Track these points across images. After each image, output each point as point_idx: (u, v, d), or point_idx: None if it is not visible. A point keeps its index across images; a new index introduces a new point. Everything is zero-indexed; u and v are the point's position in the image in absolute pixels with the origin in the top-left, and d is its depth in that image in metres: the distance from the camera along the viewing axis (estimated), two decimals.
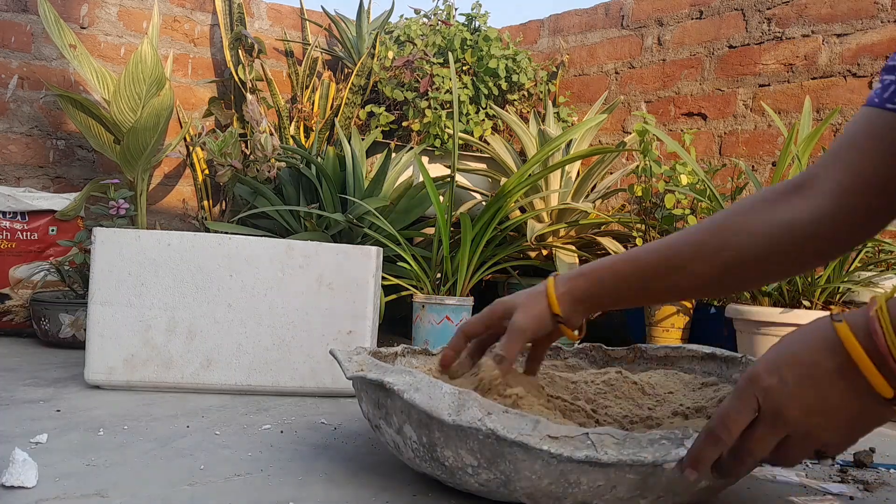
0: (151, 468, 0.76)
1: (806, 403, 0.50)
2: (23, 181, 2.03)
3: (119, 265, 1.16)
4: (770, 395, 0.51)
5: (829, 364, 0.50)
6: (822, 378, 0.50)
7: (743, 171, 1.70)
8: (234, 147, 1.94)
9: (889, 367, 0.47)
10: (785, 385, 0.51)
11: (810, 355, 0.51)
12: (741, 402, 0.53)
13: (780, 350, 0.53)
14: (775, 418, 0.51)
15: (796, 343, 0.52)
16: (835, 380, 0.49)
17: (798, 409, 0.50)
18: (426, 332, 1.60)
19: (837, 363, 0.49)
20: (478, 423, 0.62)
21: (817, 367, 0.50)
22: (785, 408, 0.51)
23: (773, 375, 0.51)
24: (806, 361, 0.50)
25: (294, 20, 2.54)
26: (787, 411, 0.51)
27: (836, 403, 0.50)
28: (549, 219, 1.93)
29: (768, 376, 0.51)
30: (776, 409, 0.51)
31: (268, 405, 1.12)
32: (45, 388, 1.16)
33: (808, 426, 0.51)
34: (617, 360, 1.06)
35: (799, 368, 0.51)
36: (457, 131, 1.72)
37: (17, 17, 2.03)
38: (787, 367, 0.51)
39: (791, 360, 0.51)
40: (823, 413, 0.50)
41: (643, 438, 0.62)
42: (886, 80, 0.60)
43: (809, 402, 0.50)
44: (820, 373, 0.50)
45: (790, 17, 1.81)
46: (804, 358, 0.51)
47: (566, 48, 2.33)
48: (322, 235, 1.80)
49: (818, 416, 0.50)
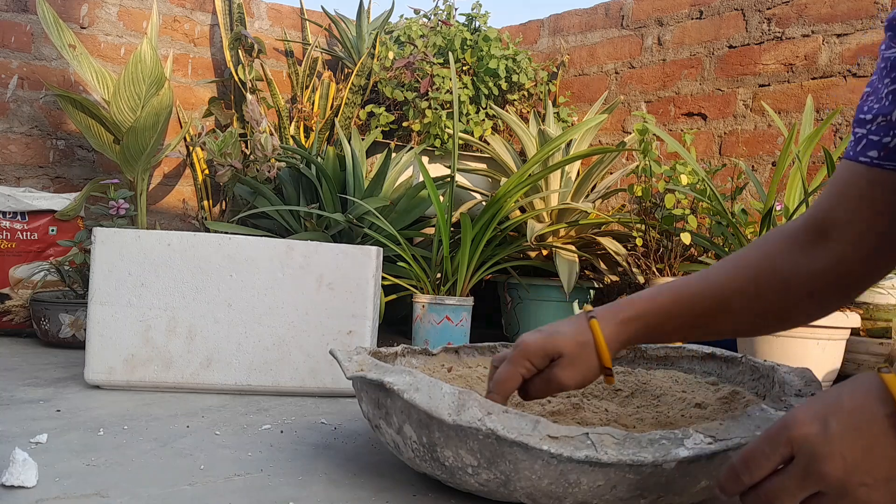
0: (151, 468, 0.76)
1: (850, 457, 0.45)
2: (23, 181, 2.03)
3: (119, 265, 1.16)
4: (807, 444, 0.46)
5: (880, 412, 0.45)
6: (870, 428, 0.45)
7: (743, 171, 1.70)
8: (234, 147, 1.94)
9: None
10: (828, 434, 0.46)
11: (858, 403, 0.46)
12: (770, 445, 0.48)
13: (823, 398, 0.48)
14: (808, 470, 0.46)
15: (843, 393, 0.47)
16: (885, 430, 0.45)
17: (839, 463, 0.45)
18: (426, 331, 1.60)
19: (888, 412, 0.45)
20: (478, 423, 0.62)
21: (865, 415, 0.46)
22: (823, 459, 0.45)
23: (815, 423, 0.46)
24: (853, 409, 0.46)
25: (294, 20, 2.54)
26: (826, 464, 0.45)
27: (884, 459, 0.45)
28: (549, 219, 1.93)
29: (809, 423, 0.47)
30: (811, 459, 0.46)
31: (268, 405, 1.12)
32: (45, 388, 1.16)
33: (848, 484, 0.45)
34: (617, 360, 1.06)
35: (845, 417, 0.46)
36: (457, 131, 1.72)
37: (17, 17, 2.03)
38: (833, 416, 0.46)
39: (836, 408, 0.46)
40: (868, 470, 0.45)
41: (643, 438, 0.62)
42: (858, 132, 0.62)
43: (855, 455, 0.45)
44: (868, 422, 0.45)
45: (790, 17, 1.81)
46: (851, 405, 0.46)
47: (566, 48, 2.33)
48: (322, 235, 1.80)
49: (862, 474, 0.45)
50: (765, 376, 0.85)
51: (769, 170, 1.83)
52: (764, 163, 1.84)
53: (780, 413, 0.69)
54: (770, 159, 1.83)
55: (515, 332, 1.87)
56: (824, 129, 1.46)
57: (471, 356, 1.05)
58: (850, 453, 0.45)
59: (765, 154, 1.85)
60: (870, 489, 0.45)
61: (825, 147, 1.58)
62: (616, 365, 1.04)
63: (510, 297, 1.89)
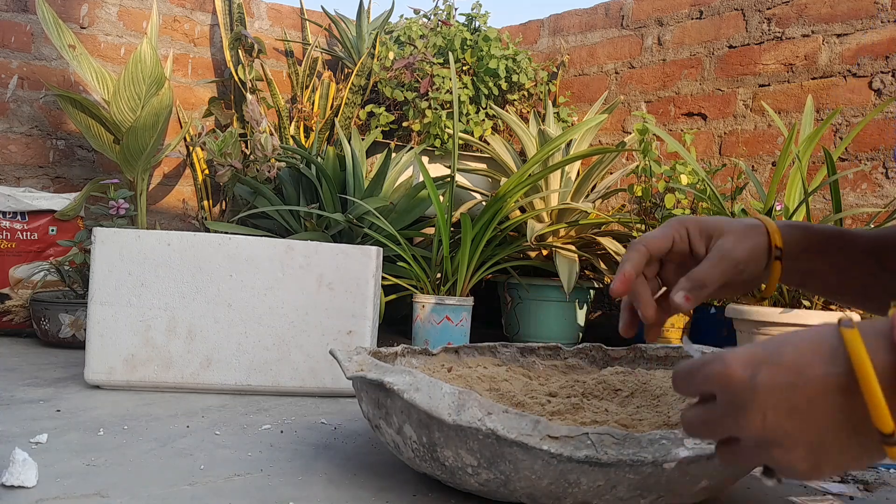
0: (151, 468, 0.76)
1: (772, 415, 0.41)
2: (23, 181, 2.03)
3: (119, 265, 1.16)
4: (730, 390, 0.43)
5: (821, 373, 0.40)
6: (804, 389, 0.40)
7: (743, 171, 1.70)
8: (234, 147, 1.94)
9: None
10: (753, 384, 0.42)
11: (801, 358, 0.41)
12: (698, 378, 0.45)
13: (768, 343, 0.43)
14: (726, 414, 0.43)
15: (788, 343, 0.43)
16: (822, 394, 0.40)
17: (758, 418, 0.41)
18: (426, 332, 1.60)
19: (833, 375, 0.40)
20: (478, 423, 0.62)
21: (805, 373, 0.41)
22: (742, 410, 0.42)
23: (745, 369, 0.42)
24: (791, 364, 0.41)
25: (294, 20, 2.54)
26: (744, 415, 0.42)
27: (813, 424, 0.40)
28: (549, 219, 1.93)
29: (738, 367, 0.42)
30: (731, 406, 0.43)
31: (267, 405, 1.12)
32: (45, 388, 1.16)
33: (764, 441, 0.42)
34: (617, 360, 1.06)
35: (779, 371, 0.41)
36: (457, 131, 1.72)
37: (17, 17, 2.03)
38: (766, 366, 0.42)
39: (774, 358, 0.42)
40: (791, 433, 0.41)
41: (643, 438, 0.62)
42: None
43: (778, 414, 0.41)
44: (805, 381, 0.40)
45: (790, 17, 1.81)
46: (791, 360, 0.41)
47: (566, 48, 2.33)
48: (322, 235, 1.80)
49: (782, 435, 0.41)
50: None
51: (769, 170, 1.83)
52: (764, 163, 1.84)
53: None
54: (770, 159, 1.83)
55: (515, 332, 1.87)
56: (824, 129, 1.46)
57: (471, 356, 1.05)
58: (772, 411, 0.41)
59: (765, 154, 1.85)
60: (787, 451, 0.41)
61: (825, 147, 1.58)
62: (616, 365, 1.04)
63: (510, 297, 1.89)
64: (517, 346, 1.07)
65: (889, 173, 1.63)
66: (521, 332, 1.86)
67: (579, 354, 1.07)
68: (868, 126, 1.66)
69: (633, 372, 0.94)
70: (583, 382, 0.92)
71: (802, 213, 1.47)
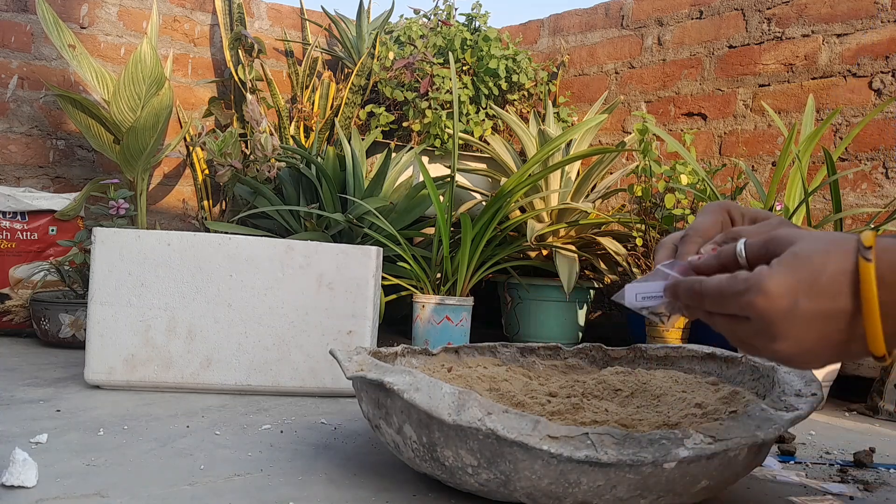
0: (151, 468, 0.76)
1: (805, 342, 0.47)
2: (23, 181, 2.03)
3: (119, 265, 1.16)
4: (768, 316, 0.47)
5: (849, 306, 0.46)
6: (837, 318, 0.46)
7: (743, 171, 1.70)
8: (234, 147, 1.94)
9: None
10: (793, 315, 0.46)
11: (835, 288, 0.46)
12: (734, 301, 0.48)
13: (802, 270, 0.47)
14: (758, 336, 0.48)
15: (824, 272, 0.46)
16: (847, 323, 0.46)
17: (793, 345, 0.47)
18: (426, 332, 1.60)
19: (853, 305, 0.46)
20: (478, 423, 0.62)
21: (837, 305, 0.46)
22: (777, 338, 0.47)
23: (785, 299, 0.46)
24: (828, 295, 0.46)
25: (294, 20, 2.54)
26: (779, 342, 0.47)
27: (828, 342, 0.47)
28: (549, 219, 1.93)
29: (779, 297, 0.46)
30: (766, 331, 0.48)
31: (267, 405, 1.12)
32: (45, 388, 1.16)
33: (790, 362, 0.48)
34: (617, 360, 1.06)
35: (819, 302, 0.46)
36: (457, 131, 1.72)
37: (17, 17, 2.03)
38: (806, 298, 0.46)
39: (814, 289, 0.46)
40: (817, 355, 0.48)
41: (643, 438, 0.62)
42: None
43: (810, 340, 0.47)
44: (836, 312, 0.46)
45: (790, 17, 1.81)
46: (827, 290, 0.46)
47: (566, 48, 2.33)
48: (322, 235, 1.80)
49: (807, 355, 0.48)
50: (765, 376, 0.85)
51: (769, 170, 1.83)
52: (764, 163, 1.84)
53: (780, 413, 0.69)
54: (770, 159, 1.83)
55: (515, 332, 1.87)
56: (824, 129, 1.46)
57: (471, 356, 1.05)
58: (806, 338, 0.47)
59: (765, 154, 1.85)
60: (807, 365, 0.49)
61: (825, 147, 1.58)
62: (616, 365, 1.04)
63: (510, 297, 1.89)
64: (517, 346, 1.07)
65: (889, 173, 1.63)
66: (521, 332, 1.86)
67: (579, 354, 1.07)
68: (868, 126, 1.66)
69: (633, 372, 0.94)
70: (583, 382, 0.92)
71: (802, 214, 1.47)
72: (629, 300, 0.59)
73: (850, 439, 1.13)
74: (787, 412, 0.70)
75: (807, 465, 0.93)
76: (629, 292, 0.60)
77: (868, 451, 0.96)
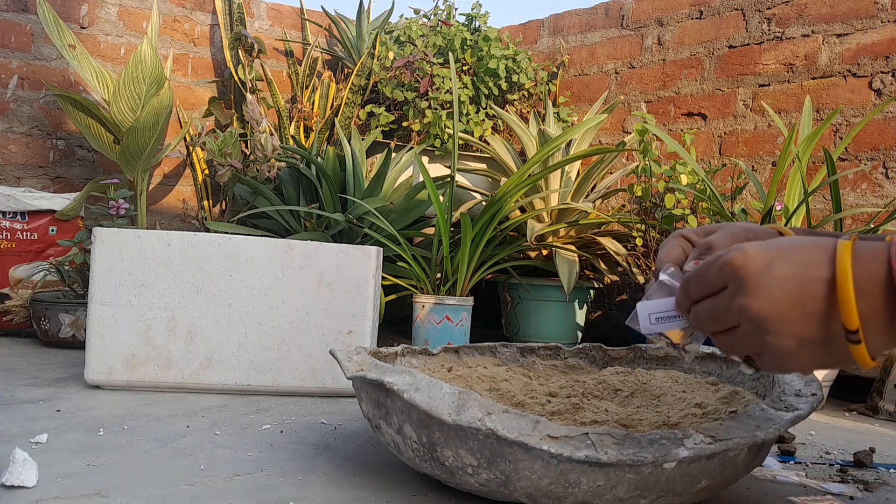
0: (151, 468, 0.76)
1: (778, 303, 0.47)
2: (23, 181, 2.03)
3: (119, 265, 1.16)
4: (742, 274, 0.49)
5: (822, 275, 0.47)
6: (809, 287, 0.47)
7: (743, 171, 1.70)
8: (234, 147, 1.94)
9: (885, 296, 0.45)
10: (767, 273, 0.48)
11: (809, 259, 0.48)
12: (715, 271, 0.51)
13: (782, 243, 0.50)
14: (734, 297, 0.49)
15: (801, 247, 0.49)
16: (821, 294, 0.47)
17: (765, 303, 0.48)
18: (426, 332, 1.60)
19: (827, 278, 0.47)
20: (478, 423, 0.62)
21: (811, 274, 0.47)
22: (751, 294, 0.48)
23: (759, 259, 0.49)
24: (802, 264, 0.48)
25: (294, 20, 2.54)
26: (753, 299, 0.48)
27: (808, 318, 0.47)
28: (549, 219, 1.93)
29: (755, 257, 0.49)
30: (739, 290, 0.49)
31: (268, 405, 1.12)
32: (45, 388, 1.16)
33: (764, 326, 0.48)
34: (617, 360, 1.06)
35: (791, 267, 0.48)
36: (457, 131, 1.72)
37: (17, 17, 2.03)
38: (780, 261, 0.48)
39: (788, 256, 0.48)
40: (788, 324, 0.48)
41: (643, 438, 0.62)
42: None
43: (783, 303, 0.47)
44: (810, 281, 0.47)
45: (790, 17, 1.81)
46: (802, 260, 0.48)
47: (566, 48, 2.33)
48: (322, 235, 1.80)
49: (779, 322, 0.48)
50: (765, 376, 0.85)
51: (769, 170, 1.83)
52: (764, 163, 1.84)
53: (780, 413, 0.69)
54: (770, 159, 1.83)
55: (515, 332, 1.87)
56: (824, 129, 1.46)
57: (471, 356, 1.05)
58: (778, 300, 0.48)
59: (765, 154, 1.85)
60: (779, 338, 0.48)
61: (825, 147, 1.58)
62: (616, 365, 1.04)
63: (510, 297, 1.89)
64: (517, 346, 1.07)
65: (889, 173, 1.63)
66: (521, 332, 1.86)
67: (579, 354, 1.07)
68: (868, 126, 1.66)
69: (633, 372, 0.94)
70: (583, 382, 0.92)
71: (802, 214, 1.47)
72: (644, 325, 0.57)
73: (850, 439, 1.13)
74: (787, 412, 0.70)
75: (807, 465, 0.93)
76: (642, 315, 0.57)
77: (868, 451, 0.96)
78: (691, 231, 0.65)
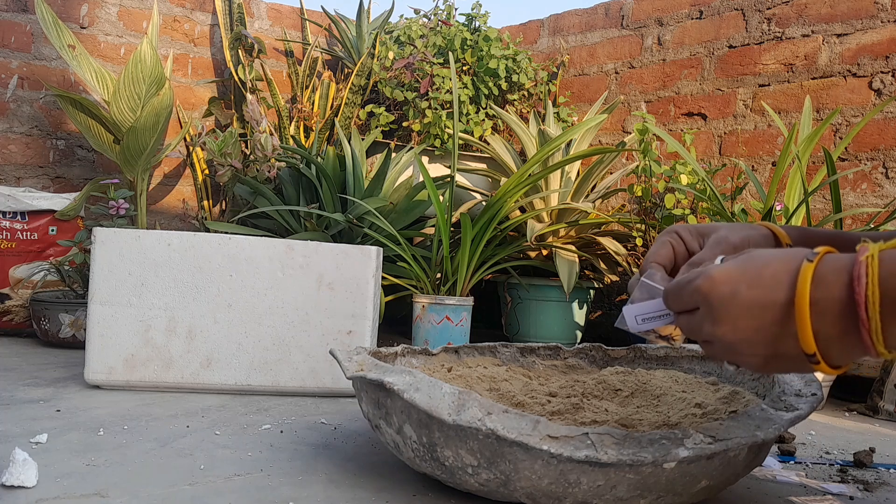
0: (151, 468, 0.76)
1: (741, 328, 0.50)
2: (23, 181, 2.03)
3: (119, 265, 1.16)
4: (711, 302, 0.51)
5: (781, 298, 0.48)
6: (773, 310, 0.49)
7: (743, 171, 1.70)
8: (234, 147, 1.94)
9: (856, 317, 0.45)
10: (733, 301, 0.50)
11: (775, 282, 0.49)
12: (686, 292, 0.53)
13: (748, 265, 0.51)
14: (703, 322, 0.52)
15: (769, 266, 0.50)
16: (784, 317, 0.48)
17: (729, 330, 0.50)
18: (426, 332, 1.60)
19: (787, 300, 0.48)
20: (478, 423, 0.62)
21: (775, 298, 0.49)
22: (718, 322, 0.51)
23: (727, 286, 0.50)
24: (768, 287, 0.49)
25: (294, 20, 2.54)
26: (719, 326, 0.51)
27: (772, 340, 0.49)
28: (549, 219, 1.93)
29: (722, 284, 0.51)
30: (708, 316, 0.51)
31: (268, 405, 1.12)
32: (45, 388, 1.16)
33: (730, 347, 0.51)
34: (617, 360, 1.06)
35: (757, 292, 0.49)
36: (457, 131, 1.72)
37: (17, 17, 2.03)
38: (745, 286, 0.50)
39: (754, 280, 0.50)
40: (752, 344, 0.50)
41: (643, 438, 0.62)
42: None
43: (747, 329, 0.50)
44: (773, 305, 0.49)
45: (790, 17, 1.81)
46: (768, 283, 0.49)
47: (566, 48, 2.33)
48: (322, 235, 1.80)
49: (745, 345, 0.50)
50: (764, 376, 0.85)
51: (769, 170, 1.83)
52: (764, 163, 1.84)
53: (780, 413, 0.69)
54: (770, 159, 1.83)
55: (515, 332, 1.87)
56: (824, 128, 1.46)
57: (471, 356, 1.05)
58: (743, 327, 0.50)
59: (765, 154, 1.85)
60: (748, 357, 0.51)
61: (825, 147, 1.58)
62: (616, 365, 1.04)
63: (510, 297, 1.89)
64: (517, 346, 1.07)
65: (889, 173, 1.63)
66: (521, 332, 1.86)
67: (579, 354, 1.07)
68: (868, 126, 1.66)
69: (633, 372, 0.94)
70: (583, 382, 0.92)
71: (802, 213, 1.47)
72: (631, 325, 0.61)
73: (850, 439, 1.13)
74: (786, 412, 0.70)
75: (807, 465, 0.93)
76: (629, 317, 0.61)
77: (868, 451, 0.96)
78: (685, 228, 0.66)
